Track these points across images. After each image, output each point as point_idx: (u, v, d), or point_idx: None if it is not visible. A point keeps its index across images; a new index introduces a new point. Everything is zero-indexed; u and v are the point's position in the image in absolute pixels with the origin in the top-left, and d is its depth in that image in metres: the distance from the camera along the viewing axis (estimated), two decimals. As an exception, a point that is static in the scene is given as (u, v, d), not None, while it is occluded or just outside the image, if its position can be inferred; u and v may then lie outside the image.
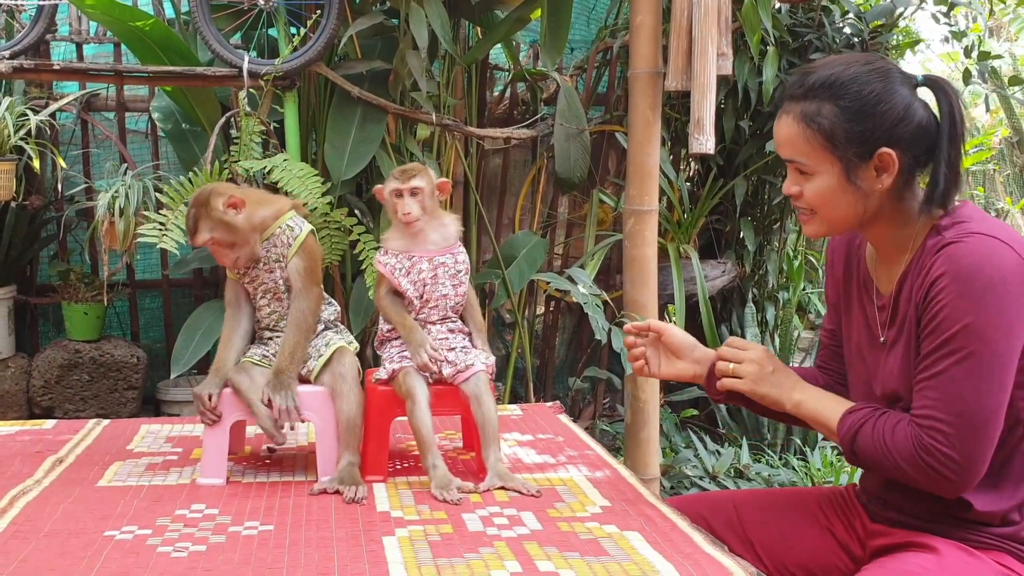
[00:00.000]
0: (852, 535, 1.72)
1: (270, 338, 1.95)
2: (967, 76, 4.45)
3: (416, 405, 1.82)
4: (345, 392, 1.86)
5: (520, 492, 1.79)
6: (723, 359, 1.70)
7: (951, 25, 4.51)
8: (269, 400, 1.84)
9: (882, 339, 1.61)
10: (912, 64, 9.25)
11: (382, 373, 1.89)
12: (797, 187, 1.59)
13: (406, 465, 2.00)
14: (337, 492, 1.78)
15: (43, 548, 1.52)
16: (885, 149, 1.51)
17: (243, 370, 1.89)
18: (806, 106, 1.54)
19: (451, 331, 1.92)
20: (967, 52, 4.50)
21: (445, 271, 1.91)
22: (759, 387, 1.66)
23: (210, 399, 1.86)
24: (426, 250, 1.91)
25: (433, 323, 1.92)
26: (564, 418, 2.43)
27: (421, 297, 1.90)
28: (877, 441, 1.52)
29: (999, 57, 4.77)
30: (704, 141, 2.82)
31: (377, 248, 3.36)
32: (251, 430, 2.28)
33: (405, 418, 2.20)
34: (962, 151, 1.53)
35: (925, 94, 1.57)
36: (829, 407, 1.61)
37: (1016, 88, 5.49)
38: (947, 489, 1.49)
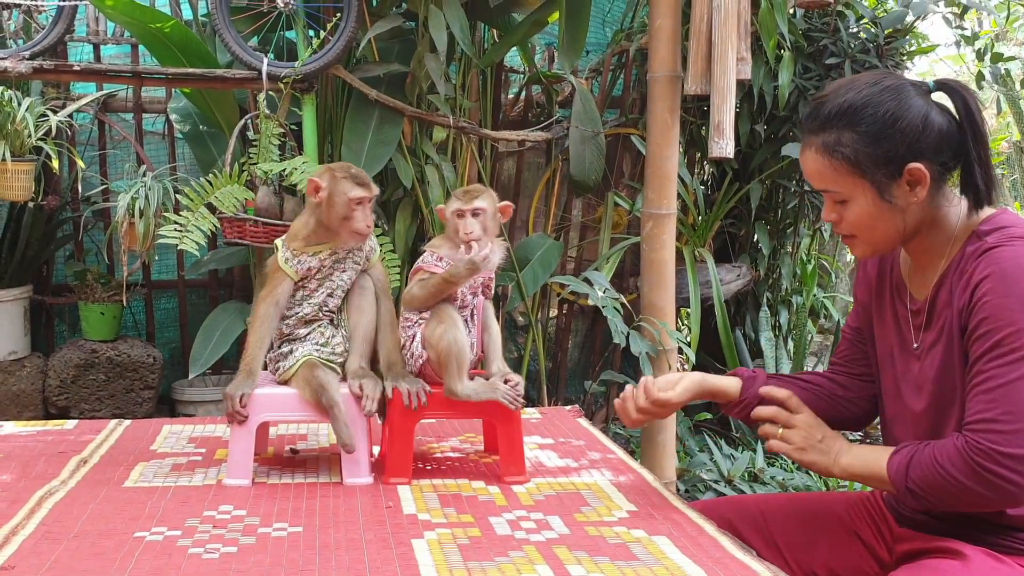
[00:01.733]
0: (879, 540, 1.73)
1: (307, 335, 1.95)
2: (980, 79, 4.45)
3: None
4: (365, 308, 1.96)
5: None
6: (771, 420, 1.68)
7: (963, 29, 4.51)
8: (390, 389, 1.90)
9: (915, 345, 1.60)
10: (920, 67, 9.23)
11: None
12: (835, 215, 1.59)
13: (430, 467, 2.01)
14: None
15: (74, 549, 1.52)
16: (913, 164, 1.50)
17: (326, 370, 1.90)
18: (826, 137, 1.54)
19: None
20: (979, 55, 4.50)
21: (486, 288, 1.99)
22: (806, 456, 1.64)
23: (241, 400, 1.86)
24: None
25: None
26: (583, 422, 2.43)
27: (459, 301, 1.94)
28: (929, 466, 1.47)
29: (1012, 59, 4.76)
30: (724, 145, 2.82)
31: (392, 250, 3.39)
32: (273, 431, 2.29)
33: (429, 420, 2.24)
34: (988, 146, 1.53)
35: (940, 97, 1.57)
36: (874, 459, 1.57)
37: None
38: (1008, 494, 1.43)
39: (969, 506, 1.50)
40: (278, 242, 1.96)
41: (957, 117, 1.53)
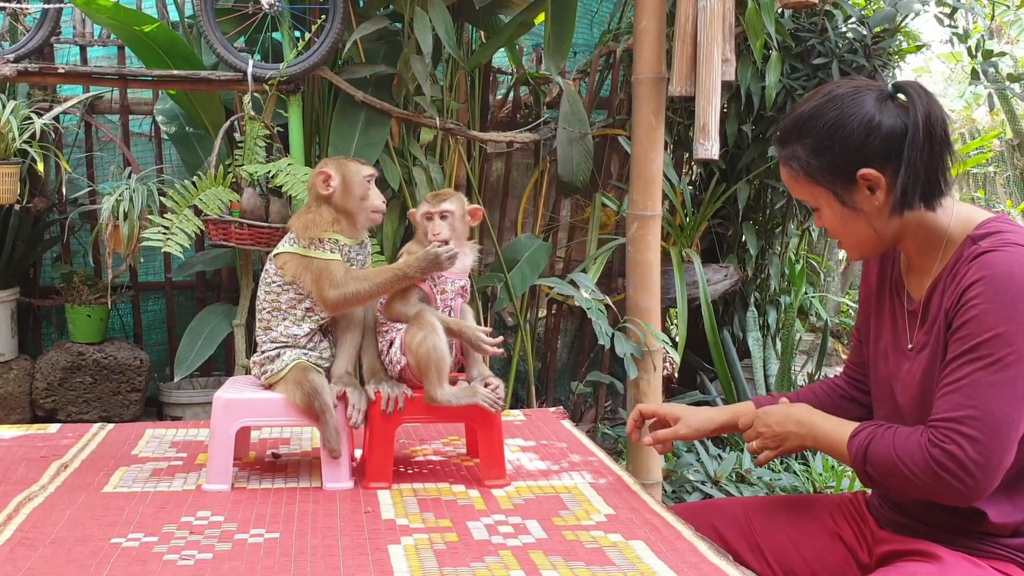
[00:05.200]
0: (861, 542, 1.73)
1: (299, 338, 1.95)
2: (975, 75, 4.45)
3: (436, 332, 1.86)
4: (353, 312, 1.97)
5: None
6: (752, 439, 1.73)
7: (954, 27, 4.51)
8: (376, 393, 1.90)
9: (910, 345, 1.61)
10: (915, 64, 9.26)
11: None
12: (820, 220, 1.64)
13: (411, 471, 2.01)
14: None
15: (49, 556, 1.52)
16: (864, 170, 1.52)
17: (319, 375, 1.92)
18: (786, 151, 1.60)
19: None
20: (971, 53, 4.50)
21: (463, 293, 1.99)
22: (786, 447, 1.68)
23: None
24: (451, 272, 1.94)
25: None
26: (567, 424, 2.43)
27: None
28: (887, 451, 1.50)
29: (1003, 55, 4.75)
30: (709, 147, 2.82)
31: (380, 252, 3.38)
32: (256, 434, 2.29)
33: (411, 424, 2.23)
34: (943, 149, 1.51)
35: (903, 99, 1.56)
36: (838, 435, 1.59)
37: (1016, 84, 5.48)
38: (959, 496, 1.46)
39: (920, 496, 1.53)
40: (296, 248, 1.92)
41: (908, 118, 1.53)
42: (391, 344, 1.93)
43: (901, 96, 1.55)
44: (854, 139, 1.52)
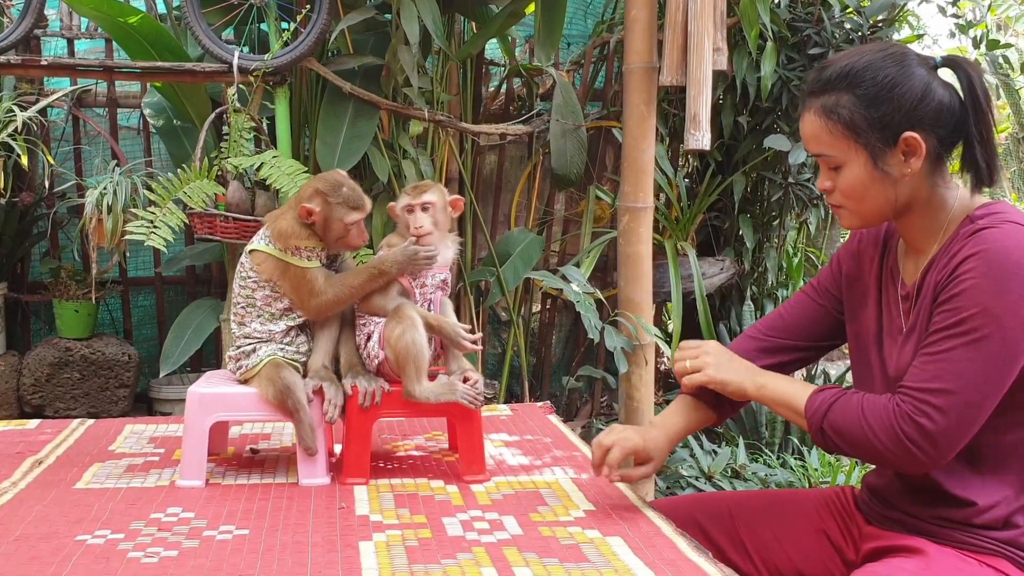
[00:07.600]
0: (847, 539, 1.69)
1: (275, 334, 1.90)
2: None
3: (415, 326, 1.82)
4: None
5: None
6: (680, 359, 1.69)
7: (957, 18, 4.46)
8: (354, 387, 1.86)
9: (905, 328, 1.57)
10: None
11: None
12: (829, 182, 1.57)
13: (390, 467, 1.97)
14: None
15: (12, 553, 1.48)
16: (909, 133, 1.48)
17: (292, 371, 1.87)
18: (825, 99, 1.52)
19: None
20: (976, 43, 4.45)
21: (443, 287, 1.94)
22: (720, 374, 1.65)
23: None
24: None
25: None
26: (554, 418, 2.39)
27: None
28: (853, 415, 1.48)
29: (1009, 46, 4.71)
30: (700, 137, 2.78)
31: (369, 246, 3.34)
32: (236, 430, 2.25)
33: (387, 419, 2.20)
34: (992, 125, 1.50)
35: (947, 75, 1.54)
36: (795, 389, 1.59)
37: (1022, 75, 5.41)
38: (917, 465, 1.45)
39: (873, 462, 1.53)
40: (272, 250, 1.88)
41: (960, 93, 1.51)
42: (369, 338, 1.88)
43: (946, 71, 1.52)
44: (910, 98, 1.48)
